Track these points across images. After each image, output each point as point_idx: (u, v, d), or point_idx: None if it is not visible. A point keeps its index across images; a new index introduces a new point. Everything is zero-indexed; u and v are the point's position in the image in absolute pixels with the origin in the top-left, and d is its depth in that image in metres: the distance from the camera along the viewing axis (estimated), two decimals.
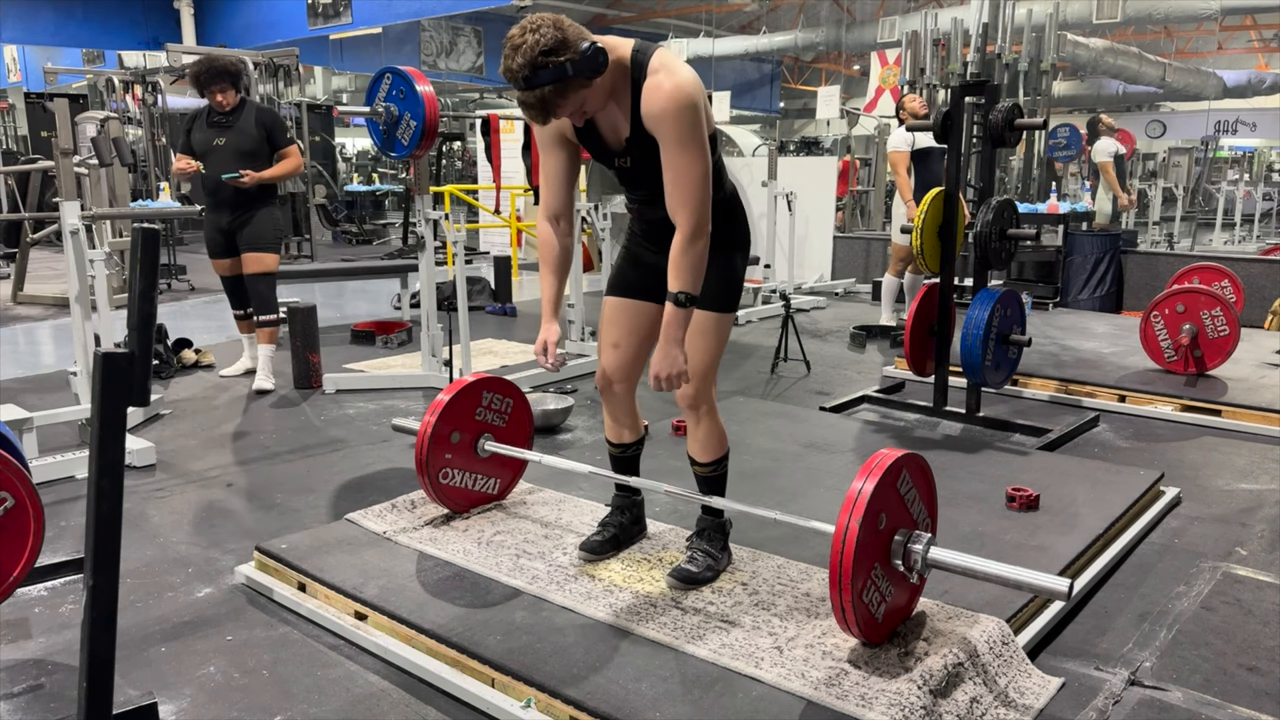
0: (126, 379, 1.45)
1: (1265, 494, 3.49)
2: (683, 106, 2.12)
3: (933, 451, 3.75)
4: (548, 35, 2.01)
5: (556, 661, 2.15)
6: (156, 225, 1.53)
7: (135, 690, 2.11)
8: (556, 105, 2.07)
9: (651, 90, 2.14)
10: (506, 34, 2.07)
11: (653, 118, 2.15)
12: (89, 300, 4.08)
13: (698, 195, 2.17)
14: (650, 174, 2.29)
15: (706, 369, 2.45)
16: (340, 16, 13.61)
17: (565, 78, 2.02)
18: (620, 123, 2.27)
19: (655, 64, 2.17)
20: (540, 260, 2.50)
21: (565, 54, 2.01)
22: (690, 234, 2.18)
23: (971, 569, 2.10)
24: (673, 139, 2.14)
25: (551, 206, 2.47)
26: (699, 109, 2.14)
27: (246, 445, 4.13)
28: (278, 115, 5.08)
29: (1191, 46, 19.88)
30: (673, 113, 2.12)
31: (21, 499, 2.17)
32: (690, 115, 2.12)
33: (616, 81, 2.19)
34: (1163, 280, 6.48)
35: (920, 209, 4.20)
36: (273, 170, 4.94)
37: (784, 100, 24.24)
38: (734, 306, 2.47)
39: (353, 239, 13.88)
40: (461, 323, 4.85)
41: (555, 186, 2.45)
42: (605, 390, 2.62)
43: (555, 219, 2.47)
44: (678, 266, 2.20)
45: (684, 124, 2.12)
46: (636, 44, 2.22)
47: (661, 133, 2.15)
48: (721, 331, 2.45)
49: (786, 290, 7.48)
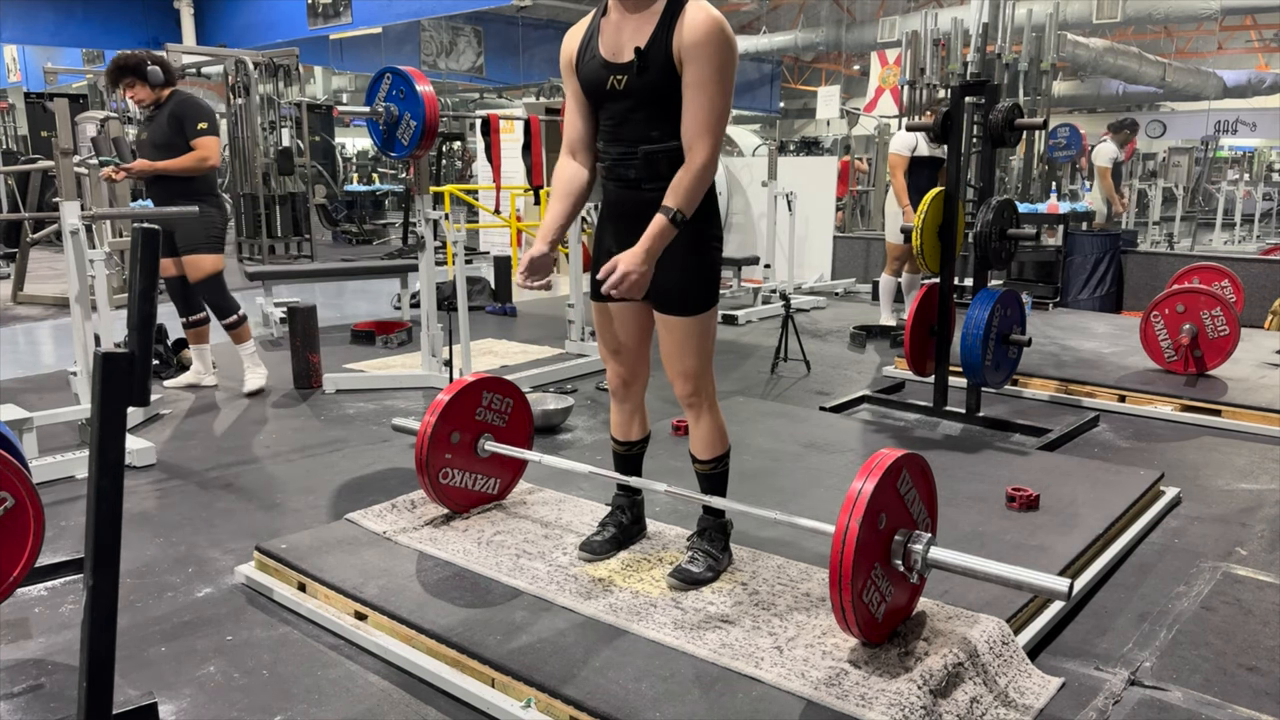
0: (126, 379, 1.45)
1: (1265, 494, 3.49)
2: (727, 38, 2.22)
3: (933, 451, 3.75)
4: None
5: (556, 661, 2.15)
6: (156, 225, 1.53)
7: (135, 690, 2.11)
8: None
9: (697, 14, 2.21)
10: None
11: (695, 44, 2.20)
12: (89, 300, 4.08)
13: (717, 128, 2.24)
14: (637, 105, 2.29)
15: (702, 367, 2.46)
16: (340, 16, 13.61)
17: None
18: (637, 35, 2.27)
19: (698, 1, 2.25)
20: (554, 187, 2.51)
21: None
22: (703, 163, 2.24)
23: (971, 569, 2.10)
24: (710, 67, 2.20)
25: (571, 137, 2.50)
26: (735, 51, 2.25)
27: (246, 445, 4.13)
28: (194, 105, 4.67)
29: (1191, 46, 19.88)
30: (716, 40, 2.20)
31: (21, 499, 2.17)
32: (730, 48, 2.23)
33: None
34: (1163, 280, 6.49)
35: (920, 209, 4.20)
36: (163, 164, 4.53)
37: (784, 100, 24.24)
38: (714, 303, 2.47)
39: (353, 239, 13.88)
40: (461, 323, 4.85)
41: (577, 117, 2.47)
42: (620, 391, 2.64)
43: (573, 153, 2.50)
44: (680, 186, 2.24)
45: (723, 54, 2.21)
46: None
47: (700, 56, 2.20)
48: (709, 328, 2.46)
49: (786, 290, 7.48)
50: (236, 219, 11.30)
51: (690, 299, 2.39)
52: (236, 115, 10.88)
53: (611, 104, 2.36)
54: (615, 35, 2.32)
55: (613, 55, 2.32)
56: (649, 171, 2.33)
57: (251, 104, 10.64)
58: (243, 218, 11.06)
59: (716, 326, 2.51)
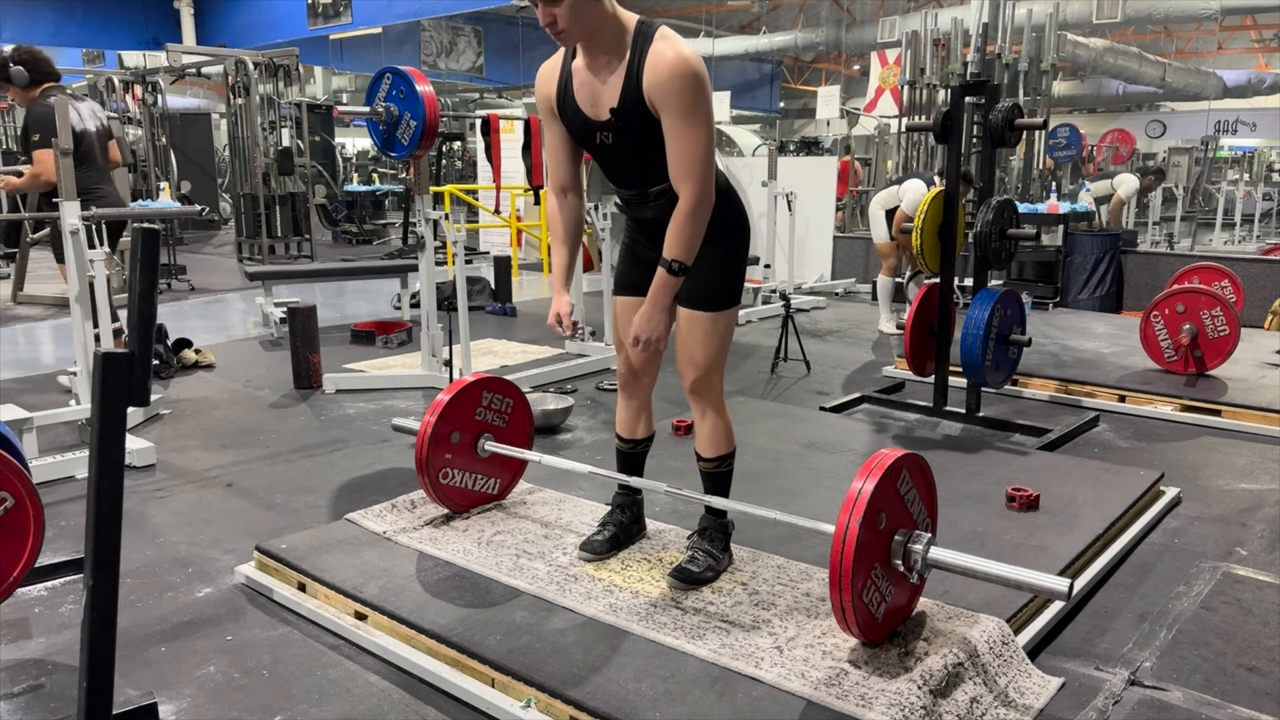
0: (126, 379, 1.45)
1: (1265, 494, 3.49)
2: (689, 74, 2.13)
3: (933, 451, 3.75)
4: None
5: (556, 661, 2.15)
6: (156, 225, 1.53)
7: (135, 690, 2.11)
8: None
9: (658, 56, 2.14)
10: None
11: (659, 85, 2.15)
12: (89, 300, 4.08)
13: (701, 166, 2.18)
14: (632, 156, 2.29)
15: (713, 364, 2.46)
16: (340, 16, 13.61)
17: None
18: (609, 90, 2.24)
19: (661, 35, 2.18)
20: (550, 232, 2.52)
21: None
22: (693, 205, 2.20)
23: (971, 569, 2.10)
24: (677, 108, 2.15)
25: (558, 179, 2.49)
26: (704, 81, 2.16)
27: (246, 445, 4.13)
28: (36, 112, 4.25)
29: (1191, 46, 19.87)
30: (679, 80, 2.13)
31: (21, 499, 2.17)
32: (695, 85, 2.14)
33: (614, 38, 2.19)
34: (1163, 280, 6.49)
35: (920, 209, 4.20)
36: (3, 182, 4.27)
37: (784, 100, 24.24)
38: (736, 301, 2.48)
39: (353, 239, 13.87)
40: (461, 323, 4.85)
41: (560, 159, 2.46)
42: (629, 385, 2.64)
43: (563, 191, 2.50)
44: (675, 234, 2.22)
45: (689, 92, 2.13)
46: (641, 18, 2.24)
47: (666, 101, 2.15)
48: (726, 327, 2.46)
49: (786, 290, 7.48)
50: (236, 219, 11.30)
51: (713, 295, 2.40)
52: (236, 115, 10.89)
53: (607, 154, 2.36)
54: (589, 86, 2.28)
55: (591, 109, 2.29)
56: (664, 211, 2.31)
57: (251, 104, 10.65)
58: (243, 218, 11.07)
59: (733, 332, 2.52)
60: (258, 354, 6.08)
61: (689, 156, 2.17)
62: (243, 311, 7.94)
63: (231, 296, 8.77)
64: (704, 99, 2.16)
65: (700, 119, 2.16)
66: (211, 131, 15.49)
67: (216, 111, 16.72)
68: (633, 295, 2.56)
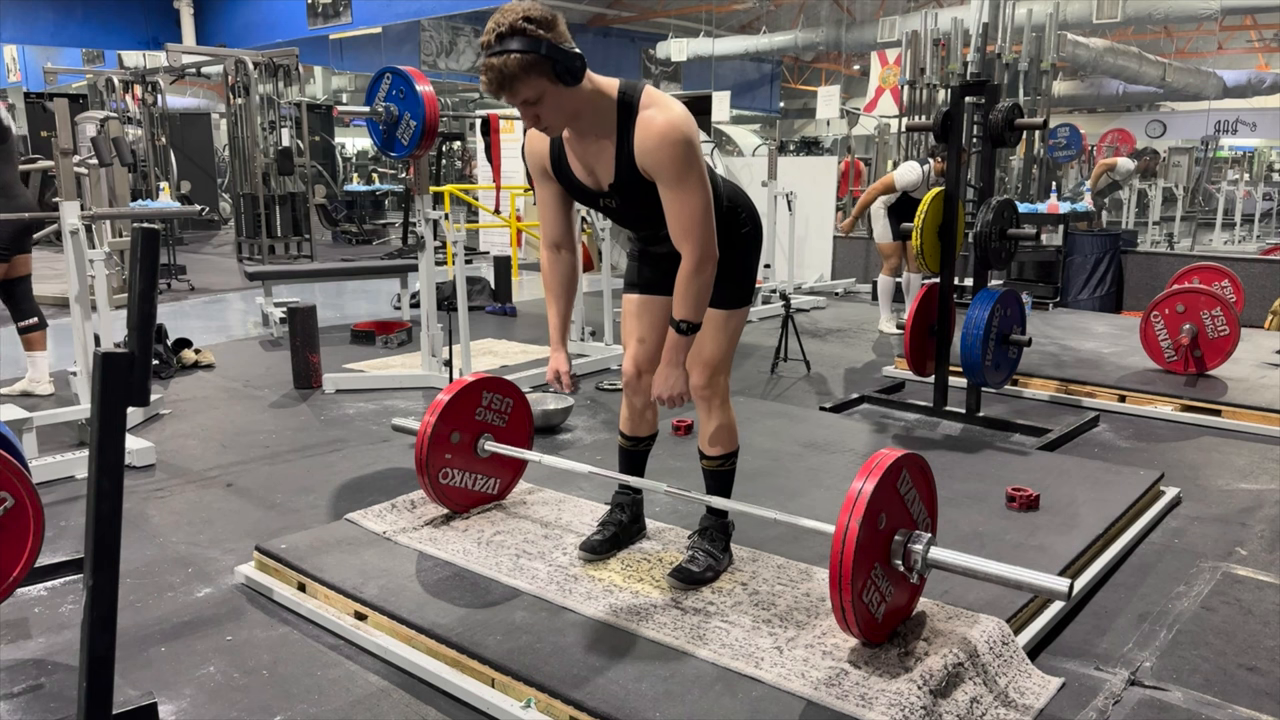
0: (126, 379, 1.45)
1: (1265, 494, 3.49)
2: (678, 142, 2.11)
3: (933, 451, 3.75)
4: (538, 10, 2.00)
5: (556, 662, 2.15)
6: (156, 225, 1.53)
7: (135, 690, 2.11)
8: (515, 81, 2.00)
9: (645, 127, 2.13)
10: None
11: (649, 155, 2.14)
12: (89, 300, 4.08)
13: (701, 227, 2.17)
14: (640, 215, 2.31)
15: (719, 362, 2.48)
16: (340, 16, 13.61)
17: (536, 54, 1.98)
18: (603, 164, 2.25)
19: (646, 101, 2.16)
20: (545, 288, 2.53)
21: (547, 32, 1.99)
22: (696, 264, 2.19)
23: (971, 569, 2.10)
24: (670, 176, 2.14)
25: (551, 235, 2.49)
26: (694, 144, 2.14)
27: (246, 445, 4.13)
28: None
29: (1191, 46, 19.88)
30: (669, 148, 2.11)
31: (21, 499, 2.17)
32: (686, 149, 2.12)
33: (599, 115, 2.18)
34: (1163, 280, 6.49)
35: (920, 209, 4.20)
36: None
37: (784, 100, 24.24)
38: (747, 302, 2.50)
39: (353, 239, 13.87)
40: (461, 323, 4.85)
41: (551, 215, 2.46)
42: (633, 382, 2.64)
43: (556, 247, 2.49)
44: (683, 296, 2.22)
45: (680, 160, 2.12)
46: (622, 83, 2.21)
47: (659, 170, 2.15)
48: (736, 327, 2.48)
49: (786, 290, 7.48)
50: (236, 219, 11.30)
51: (725, 294, 2.41)
52: (236, 115, 10.88)
53: (614, 214, 2.38)
54: (583, 159, 2.27)
55: (589, 180, 2.30)
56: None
57: (251, 104, 10.65)
58: (242, 218, 11.07)
59: (741, 331, 2.53)
60: (258, 354, 6.08)
61: (687, 219, 2.17)
62: (243, 311, 7.94)
63: (231, 296, 8.77)
64: (695, 161, 2.14)
65: (694, 182, 2.15)
66: (211, 131, 15.50)
67: (216, 111, 16.71)
68: (643, 293, 2.57)
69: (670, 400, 2.31)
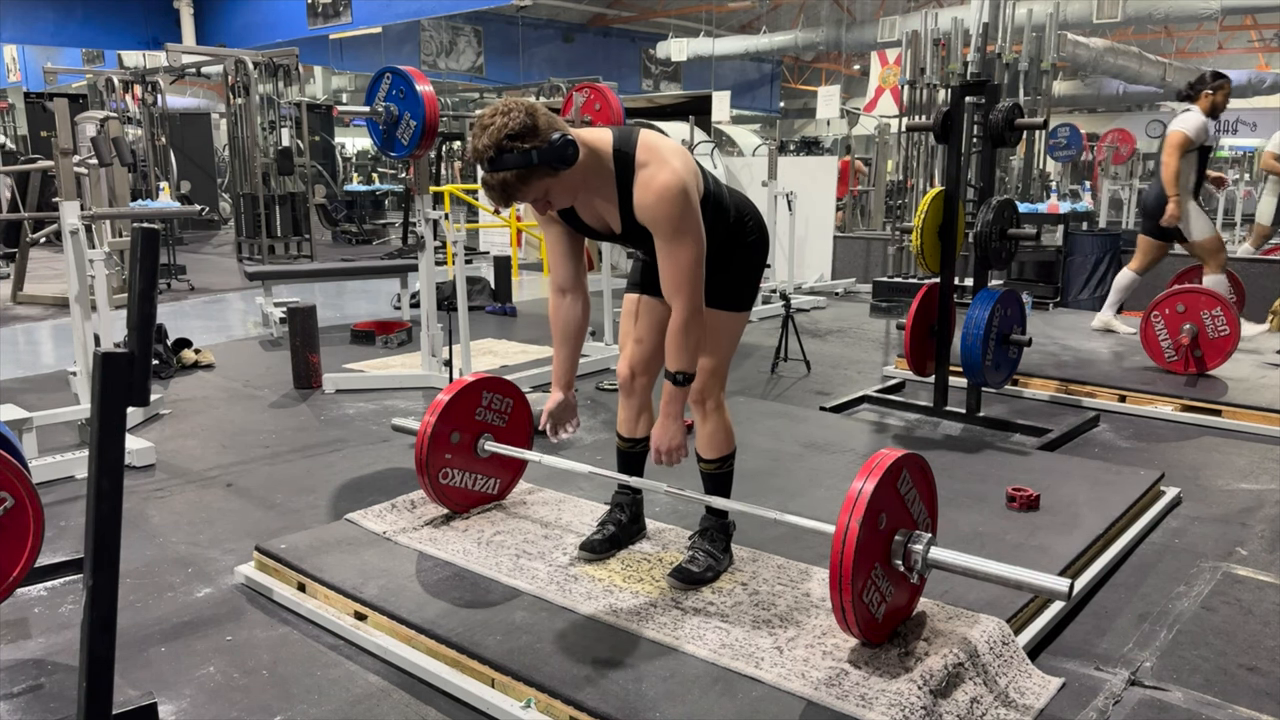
0: (126, 379, 1.45)
1: (1265, 494, 3.49)
2: (673, 199, 2.13)
3: (933, 451, 3.75)
4: (516, 120, 2.00)
5: (556, 661, 2.15)
6: (156, 225, 1.53)
7: (135, 690, 2.11)
8: (518, 190, 2.06)
9: (643, 185, 2.16)
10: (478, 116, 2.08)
11: (646, 210, 2.17)
12: (89, 300, 4.08)
13: (689, 282, 2.20)
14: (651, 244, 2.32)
15: (717, 365, 2.48)
16: (340, 16, 13.62)
17: (529, 165, 2.01)
18: (609, 216, 2.29)
19: (642, 156, 2.17)
20: (552, 331, 2.53)
21: (532, 141, 2.01)
22: (685, 319, 2.22)
23: (971, 569, 2.10)
24: (665, 232, 2.17)
25: (558, 280, 2.49)
26: (689, 199, 2.16)
27: (246, 445, 4.13)
28: None
29: (1191, 46, 19.89)
30: (665, 205, 2.14)
31: (21, 499, 2.17)
32: (682, 205, 2.15)
33: (599, 177, 2.20)
34: (1163, 280, 6.47)
35: (920, 209, 4.20)
36: None
37: (784, 100, 24.26)
38: (747, 306, 2.50)
39: (353, 239, 13.87)
40: (461, 323, 4.85)
41: (559, 259, 2.47)
42: (628, 383, 2.65)
43: (562, 291, 2.49)
44: (674, 347, 2.25)
45: (675, 217, 2.15)
46: (616, 137, 2.21)
47: (654, 224, 2.18)
48: (733, 330, 2.48)
49: (786, 290, 7.48)
50: (236, 219, 11.30)
51: (726, 296, 2.43)
52: (236, 115, 10.88)
53: (625, 241, 2.39)
54: (590, 210, 2.31)
55: (599, 225, 2.34)
56: None
57: (251, 104, 10.65)
58: (242, 218, 11.07)
59: (740, 336, 2.54)
60: (257, 354, 6.08)
61: (678, 274, 2.20)
62: (242, 311, 7.93)
63: (231, 296, 8.76)
64: (690, 216, 2.17)
65: (688, 238, 2.17)
66: (211, 131, 15.50)
67: (216, 111, 16.72)
68: (644, 294, 2.58)
69: (669, 454, 2.32)
